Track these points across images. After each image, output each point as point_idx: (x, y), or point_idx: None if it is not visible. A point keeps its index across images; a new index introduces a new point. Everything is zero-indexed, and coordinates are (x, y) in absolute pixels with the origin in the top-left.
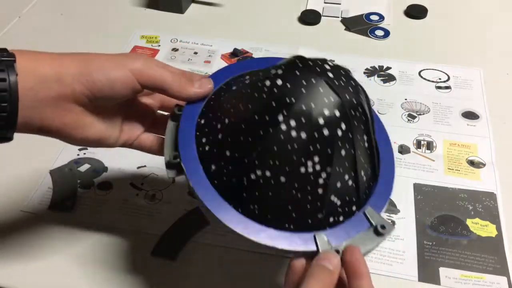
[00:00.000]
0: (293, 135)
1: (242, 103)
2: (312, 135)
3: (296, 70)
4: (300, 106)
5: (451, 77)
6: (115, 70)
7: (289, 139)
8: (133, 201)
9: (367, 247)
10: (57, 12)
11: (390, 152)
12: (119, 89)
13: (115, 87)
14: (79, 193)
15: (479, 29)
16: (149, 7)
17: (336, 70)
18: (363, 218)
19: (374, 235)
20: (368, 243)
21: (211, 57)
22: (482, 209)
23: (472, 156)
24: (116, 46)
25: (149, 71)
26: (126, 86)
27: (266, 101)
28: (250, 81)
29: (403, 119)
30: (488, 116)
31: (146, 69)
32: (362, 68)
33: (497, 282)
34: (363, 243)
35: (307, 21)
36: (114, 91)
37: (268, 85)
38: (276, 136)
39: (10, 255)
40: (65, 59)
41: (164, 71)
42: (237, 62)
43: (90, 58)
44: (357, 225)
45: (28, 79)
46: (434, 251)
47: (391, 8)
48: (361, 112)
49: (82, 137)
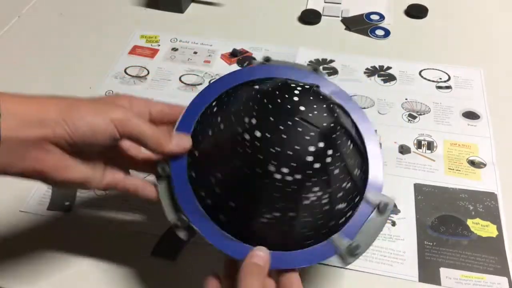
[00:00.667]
0: (289, 179)
1: (228, 158)
2: (305, 173)
3: (269, 116)
4: (286, 152)
5: (452, 77)
6: (97, 118)
7: (286, 183)
8: (133, 201)
9: (376, 232)
10: (57, 12)
11: (374, 135)
12: (99, 137)
13: (96, 136)
14: (79, 193)
15: (479, 29)
16: (149, 7)
17: (304, 97)
18: (366, 205)
19: (378, 217)
20: (376, 228)
21: (210, 56)
22: (482, 209)
23: (472, 156)
24: (116, 46)
25: (128, 123)
26: (107, 135)
27: (252, 157)
28: (227, 131)
29: (403, 119)
30: (488, 116)
31: (126, 121)
32: (362, 68)
33: (497, 283)
34: (371, 230)
35: (307, 21)
36: (94, 139)
37: (248, 139)
38: (273, 184)
39: (9, 255)
40: (49, 103)
41: (143, 125)
42: (198, 94)
43: (74, 104)
44: (363, 213)
45: (11, 121)
46: (435, 251)
47: (392, 7)
48: (341, 127)
49: (63, 179)
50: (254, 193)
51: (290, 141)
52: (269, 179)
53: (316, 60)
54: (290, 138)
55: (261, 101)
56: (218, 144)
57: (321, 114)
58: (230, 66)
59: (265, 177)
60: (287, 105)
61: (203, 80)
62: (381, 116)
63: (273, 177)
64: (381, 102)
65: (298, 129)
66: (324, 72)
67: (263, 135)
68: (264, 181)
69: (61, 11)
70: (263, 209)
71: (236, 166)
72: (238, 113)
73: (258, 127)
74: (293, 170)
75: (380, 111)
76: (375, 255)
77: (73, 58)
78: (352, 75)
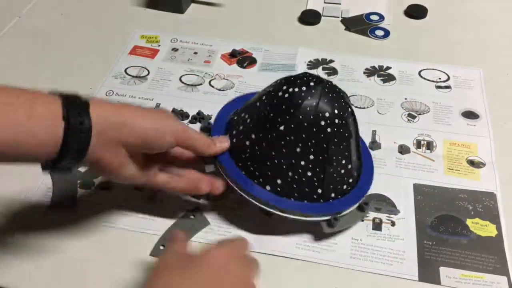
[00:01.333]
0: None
1: (255, 126)
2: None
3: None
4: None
5: (451, 77)
6: (163, 128)
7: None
8: (133, 201)
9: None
10: (57, 12)
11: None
12: (162, 144)
13: (161, 143)
14: (79, 193)
15: (479, 29)
16: (149, 7)
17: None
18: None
19: (358, 212)
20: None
21: (210, 57)
22: (482, 209)
23: (472, 156)
24: (116, 46)
25: (184, 133)
26: (168, 143)
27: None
28: (252, 116)
29: (403, 119)
30: (488, 116)
31: (182, 131)
32: (362, 68)
33: (497, 282)
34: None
35: (307, 21)
36: (158, 145)
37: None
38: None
39: (9, 255)
40: (124, 110)
41: (196, 134)
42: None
43: (143, 112)
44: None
45: (98, 124)
46: (434, 250)
47: (391, 8)
48: (353, 116)
49: (124, 175)
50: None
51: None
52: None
53: (315, 60)
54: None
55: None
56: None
57: (334, 103)
58: (230, 66)
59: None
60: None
61: (203, 80)
62: (381, 116)
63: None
64: (380, 102)
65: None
66: (324, 72)
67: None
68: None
69: (61, 11)
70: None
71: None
72: (257, 102)
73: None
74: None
75: (380, 111)
76: (375, 254)
77: (73, 58)
78: (352, 75)
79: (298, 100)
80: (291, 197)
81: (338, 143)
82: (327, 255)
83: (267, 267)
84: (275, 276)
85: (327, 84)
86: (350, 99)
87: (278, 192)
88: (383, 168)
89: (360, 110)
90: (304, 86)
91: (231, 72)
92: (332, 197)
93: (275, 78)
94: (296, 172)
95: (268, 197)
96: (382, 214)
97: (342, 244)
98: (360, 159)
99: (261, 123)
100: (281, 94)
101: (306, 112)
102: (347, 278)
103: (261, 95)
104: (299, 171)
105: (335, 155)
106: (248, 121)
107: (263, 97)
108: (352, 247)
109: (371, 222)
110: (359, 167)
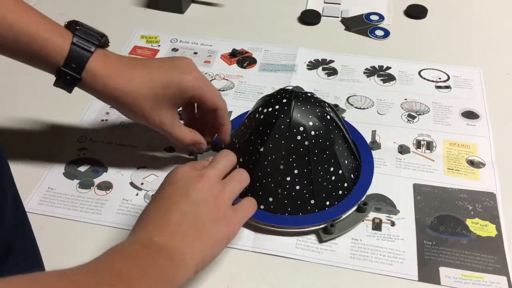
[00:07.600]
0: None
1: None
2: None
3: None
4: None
5: (451, 77)
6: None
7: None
8: (133, 201)
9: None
10: (57, 12)
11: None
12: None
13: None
14: (79, 193)
15: (479, 29)
16: (149, 7)
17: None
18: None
19: (357, 214)
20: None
21: (210, 57)
22: (481, 209)
23: (472, 156)
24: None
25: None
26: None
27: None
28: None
29: (402, 119)
30: (488, 116)
31: (200, 83)
32: (362, 68)
33: (496, 282)
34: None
35: (307, 21)
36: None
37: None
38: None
39: None
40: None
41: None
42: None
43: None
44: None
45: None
46: (434, 250)
47: (391, 8)
48: (334, 123)
49: (158, 119)
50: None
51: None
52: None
53: (315, 60)
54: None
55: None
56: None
57: (313, 112)
58: (230, 66)
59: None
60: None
61: None
62: (381, 116)
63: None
64: (380, 102)
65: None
66: (324, 72)
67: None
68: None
69: (62, 12)
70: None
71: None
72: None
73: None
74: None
75: (380, 111)
76: (375, 254)
77: None
78: (352, 75)
79: (272, 120)
80: (285, 212)
81: (320, 153)
82: (327, 255)
83: (267, 267)
84: (275, 276)
85: (300, 97)
86: (337, 105)
87: (271, 209)
88: (383, 168)
89: (360, 110)
90: (277, 104)
91: (231, 72)
92: (327, 205)
93: (275, 78)
94: (284, 188)
95: (262, 216)
96: (382, 214)
97: (342, 244)
98: (357, 160)
99: (246, 146)
100: (257, 116)
101: (280, 130)
102: (347, 278)
103: (245, 119)
104: (287, 186)
105: (320, 165)
106: (237, 145)
107: (245, 120)
108: (352, 247)
109: (371, 222)
110: (357, 168)
